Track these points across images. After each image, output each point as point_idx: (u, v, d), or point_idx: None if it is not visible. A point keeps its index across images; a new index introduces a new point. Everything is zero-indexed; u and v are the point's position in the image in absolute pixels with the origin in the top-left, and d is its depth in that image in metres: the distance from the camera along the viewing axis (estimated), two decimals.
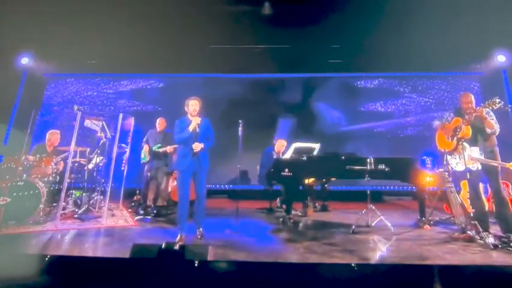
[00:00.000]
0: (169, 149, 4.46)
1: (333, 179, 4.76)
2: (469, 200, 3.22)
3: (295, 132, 6.59)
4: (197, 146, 2.98)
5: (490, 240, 2.76)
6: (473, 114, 3.08)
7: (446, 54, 5.99)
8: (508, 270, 1.83)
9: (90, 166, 4.48)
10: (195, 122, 3.02)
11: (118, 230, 3.39)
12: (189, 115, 3.13)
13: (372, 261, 2.49)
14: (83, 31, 5.61)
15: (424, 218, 3.71)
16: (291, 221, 3.84)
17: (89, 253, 2.60)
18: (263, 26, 5.61)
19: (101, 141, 4.44)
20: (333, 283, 1.42)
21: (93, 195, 4.48)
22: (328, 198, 5.04)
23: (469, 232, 3.02)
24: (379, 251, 2.78)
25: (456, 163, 3.34)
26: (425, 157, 4.02)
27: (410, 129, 6.79)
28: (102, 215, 3.82)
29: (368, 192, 3.75)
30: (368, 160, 3.67)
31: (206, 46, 6.27)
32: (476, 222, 2.97)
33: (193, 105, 3.10)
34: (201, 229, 3.08)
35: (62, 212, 3.73)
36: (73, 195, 4.46)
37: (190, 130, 3.00)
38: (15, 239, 2.99)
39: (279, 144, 5.03)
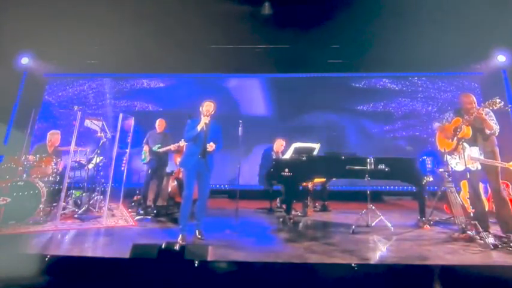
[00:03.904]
0: (173, 146, 4.44)
1: (333, 178, 4.77)
2: (469, 200, 3.22)
3: (295, 132, 6.60)
4: (211, 146, 3.05)
5: (490, 240, 2.76)
6: (473, 115, 3.08)
7: (446, 54, 5.99)
8: (508, 270, 1.83)
9: (90, 166, 4.48)
10: (203, 122, 3.08)
11: (118, 230, 3.39)
12: (201, 116, 3.18)
13: (372, 261, 2.49)
14: (83, 31, 5.61)
15: (424, 218, 3.71)
16: (291, 221, 3.84)
17: (89, 253, 2.60)
18: (263, 26, 5.61)
19: (101, 141, 4.44)
20: (333, 283, 1.42)
21: (93, 195, 4.48)
22: (328, 198, 5.04)
23: (469, 232, 3.02)
24: (379, 251, 2.78)
25: (456, 163, 3.34)
26: (425, 157, 4.02)
27: (410, 129, 6.78)
28: (102, 215, 3.82)
29: (368, 192, 3.75)
30: (368, 160, 3.68)
31: (206, 46, 6.28)
32: (476, 222, 2.97)
33: (207, 106, 3.19)
34: (200, 230, 3.09)
35: (62, 212, 3.73)
36: (73, 195, 4.46)
37: (199, 129, 3.05)
38: (15, 239, 2.99)
39: (278, 144, 5.03)
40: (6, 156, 4.33)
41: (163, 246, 1.49)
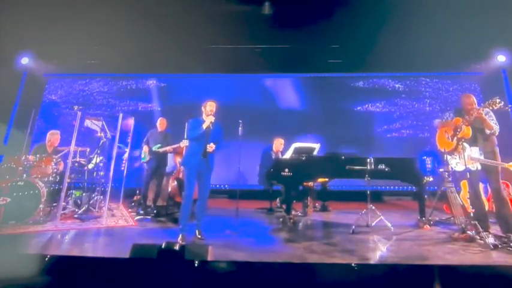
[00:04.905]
0: (168, 149, 4.47)
1: (334, 179, 4.77)
2: (469, 200, 3.23)
3: (294, 131, 6.60)
4: (211, 147, 3.06)
5: (490, 240, 2.76)
6: (473, 115, 3.08)
7: (446, 54, 5.99)
8: (508, 270, 1.83)
9: (90, 166, 4.48)
10: (209, 120, 3.09)
11: (118, 230, 3.40)
12: (204, 115, 3.19)
13: (372, 261, 2.49)
14: (83, 31, 5.61)
15: (424, 218, 3.71)
16: (291, 221, 3.84)
17: (89, 253, 2.60)
18: (263, 26, 5.61)
19: (101, 141, 4.44)
20: (333, 283, 1.42)
21: (93, 195, 4.48)
22: (328, 198, 5.04)
23: (469, 232, 3.02)
24: (379, 251, 2.79)
25: (456, 163, 3.35)
26: (425, 157, 4.02)
27: (410, 129, 6.78)
28: (102, 215, 3.82)
29: (368, 192, 3.75)
30: (368, 160, 3.68)
31: (206, 46, 6.27)
32: (476, 222, 2.97)
33: (211, 106, 3.20)
34: (200, 229, 3.09)
35: (62, 212, 3.73)
36: (73, 195, 4.46)
37: (204, 127, 3.06)
38: (15, 239, 2.99)
39: (277, 143, 5.03)
40: (6, 156, 4.33)
41: (163, 246, 1.49)
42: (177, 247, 1.51)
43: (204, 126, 3.06)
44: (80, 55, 6.52)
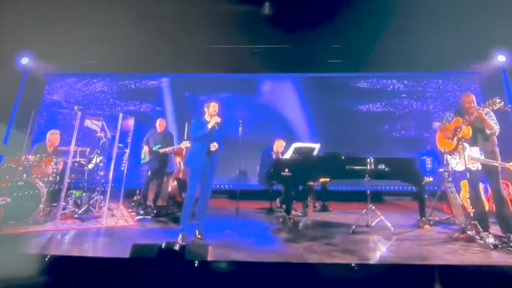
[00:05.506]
0: (169, 149, 4.48)
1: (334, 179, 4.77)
2: (469, 200, 3.22)
3: (294, 132, 6.60)
4: (214, 146, 3.09)
5: (490, 240, 2.76)
6: (473, 115, 3.08)
7: (447, 54, 5.99)
8: (508, 270, 1.83)
9: (90, 166, 4.47)
10: (214, 121, 3.11)
11: (118, 230, 3.39)
12: (207, 116, 3.22)
13: (372, 261, 2.49)
14: (83, 31, 5.61)
15: (424, 218, 3.71)
16: (291, 221, 3.84)
17: (89, 253, 2.60)
18: (263, 26, 5.61)
19: (101, 141, 4.44)
20: (333, 283, 1.42)
21: (93, 195, 4.48)
22: (328, 198, 5.04)
23: (469, 232, 3.02)
24: (379, 251, 2.78)
25: (456, 163, 3.35)
26: (425, 157, 4.02)
27: (410, 129, 6.78)
28: (102, 215, 3.82)
29: (368, 192, 3.75)
30: (368, 160, 3.68)
31: (206, 46, 6.27)
32: (476, 222, 2.97)
33: (214, 107, 3.23)
34: (201, 229, 3.09)
35: (62, 212, 3.73)
36: (73, 195, 4.46)
37: (209, 127, 3.08)
38: (15, 239, 2.99)
39: (278, 144, 5.03)
40: (6, 156, 4.33)
41: (163, 246, 1.49)
42: (177, 247, 1.51)
43: (209, 126, 3.08)
44: (80, 55, 6.53)
